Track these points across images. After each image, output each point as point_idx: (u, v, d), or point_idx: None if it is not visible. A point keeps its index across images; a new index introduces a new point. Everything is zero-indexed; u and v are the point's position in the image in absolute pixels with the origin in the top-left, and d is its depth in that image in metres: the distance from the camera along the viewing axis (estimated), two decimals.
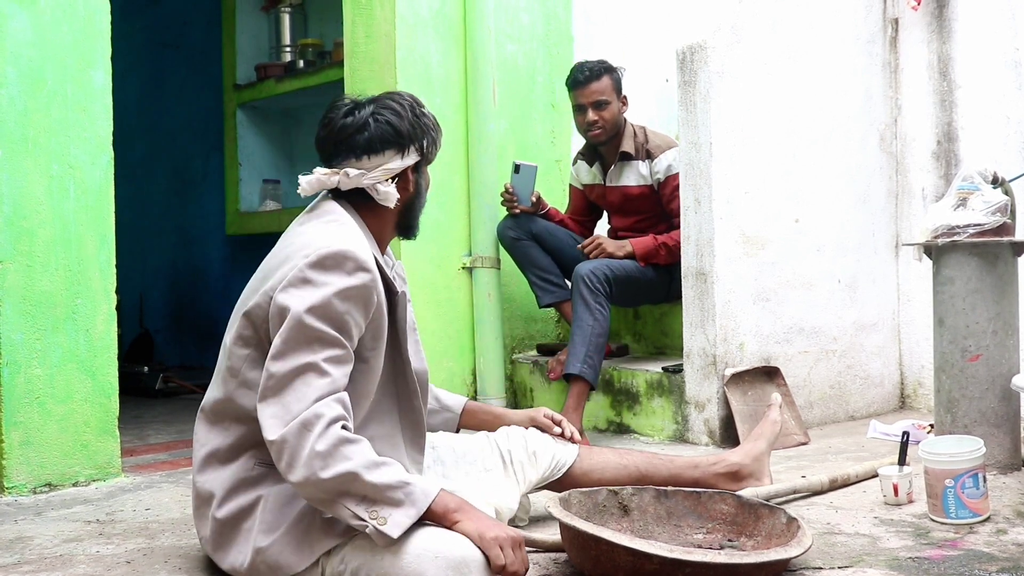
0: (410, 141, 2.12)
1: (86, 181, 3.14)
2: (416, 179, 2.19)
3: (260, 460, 2.03)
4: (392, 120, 2.11)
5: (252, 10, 6.16)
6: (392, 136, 2.10)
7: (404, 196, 2.16)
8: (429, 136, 2.16)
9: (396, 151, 2.11)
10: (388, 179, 2.12)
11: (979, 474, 2.38)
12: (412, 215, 2.22)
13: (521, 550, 1.85)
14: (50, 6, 3.07)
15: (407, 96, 2.17)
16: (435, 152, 2.20)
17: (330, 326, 1.91)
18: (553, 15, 4.61)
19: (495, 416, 2.52)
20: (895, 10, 4.01)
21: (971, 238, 2.80)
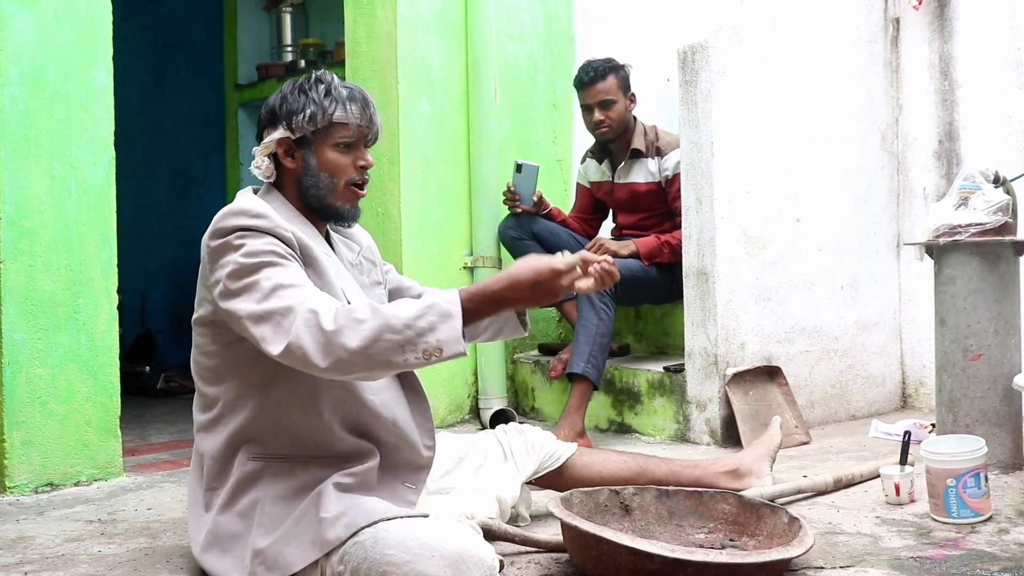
0: (280, 117, 2.12)
1: (88, 181, 3.14)
2: (303, 156, 2.12)
3: (254, 454, 2.04)
4: (269, 100, 2.15)
5: (253, 10, 6.17)
6: (266, 114, 2.15)
7: (292, 174, 2.14)
8: (305, 111, 2.08)
9: (272, 128, 2.13)
10: (265, 155, 2.14)
11: (981, 474, 2.38)
12: (308, 195, 2.13)
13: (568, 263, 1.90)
14: (52, 6, 3.07)
15: (318, 74, 2.16)
16: (311, 126, 2.08)
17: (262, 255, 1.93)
18: (554, 15, 4.61)
19: None
20: (896, 9, 4.01)
21: (972, 237, 2.80)
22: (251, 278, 1.91)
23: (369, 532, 1.84)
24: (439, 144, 4.08)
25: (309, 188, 2.13)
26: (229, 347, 2.04)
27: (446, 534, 1.81)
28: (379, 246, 3.94)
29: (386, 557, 1.79)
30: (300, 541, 1.91)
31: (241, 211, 1.99)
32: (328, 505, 1.93)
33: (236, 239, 1.96)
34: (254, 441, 2.04)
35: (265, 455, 2.03)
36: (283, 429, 2.03)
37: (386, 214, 3.99)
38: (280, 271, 1.92)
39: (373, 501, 1.96)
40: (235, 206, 2.01)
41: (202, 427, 2.12)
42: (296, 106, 2.10)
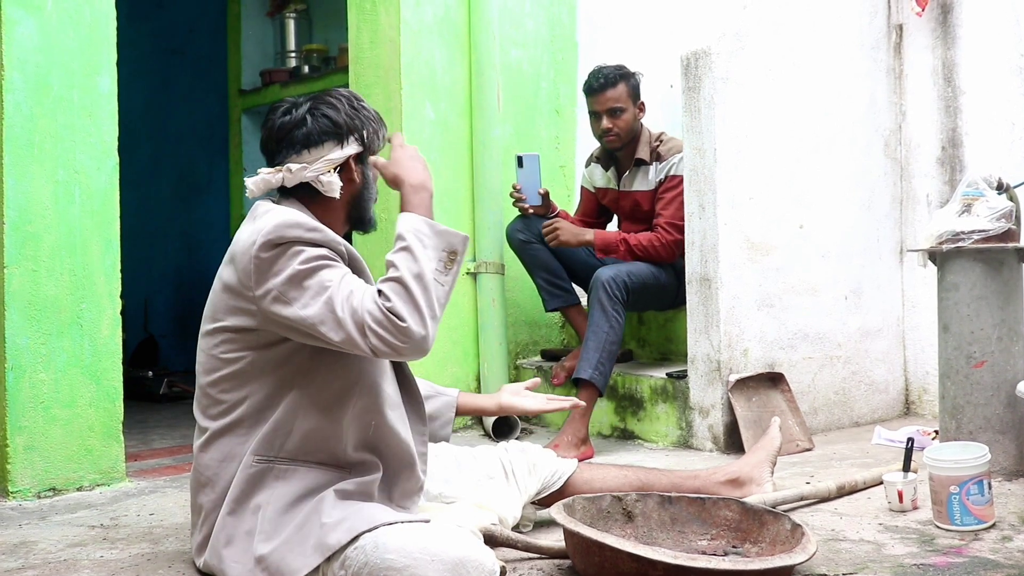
0: (349, 131, 2.14)
1: (91, 186, 3.15)
2: (362, 170, 2.19)
3: (260, 457, 2.03)
4: (329, 113, 2.15)
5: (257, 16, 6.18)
6: (330, 127, 2.13)
7: (350, 188, 2.17)
8: (370, 126, 2.17)
9: (335, 142, 2.13)
10: (330, 170, 2.13)
11: (984, 481, 2.38)
12: (362, 207, 2.21)
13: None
14: (56, 12, 3.08)
15: (344, 92, 2.20)
16: (378, 143, 2.20)
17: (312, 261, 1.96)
18: (558, 21, 4.62)
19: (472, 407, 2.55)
20: (899, 16, 4.01)
21: (976, 244, 2.80)
22: (311, 280, 1.94)
23: (370, 537, 1.84)
24: (442, 149, 4.08)
25: (368, 200, 2.21)
26: (261, 351, 2.04)
27: (446, 539, 1.82)
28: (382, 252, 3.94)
29: (386, 562, 1.79)
30: (302, 547, 1.92)
31: (297, 223, 1.98)
32: (329, 511, 1.94)
33: (292, 250, 1.96)
34: (265, 443, 2.03)
35: (271, 457, 2.03)
36: (297, 433, 2.03)
37: (389, 219, 3.99)
38: (337, 271, 1.97)
39: (373, 507, 1.97)
40: (287, 218, 1.99)
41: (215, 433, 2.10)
42: (357, 123, 2.15)
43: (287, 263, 1.95)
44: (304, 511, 1.97)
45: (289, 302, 1.94)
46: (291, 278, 1.94)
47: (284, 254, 1.96)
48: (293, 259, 1.95)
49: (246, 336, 2.04)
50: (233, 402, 2.07)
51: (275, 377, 2.04)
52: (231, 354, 2.06)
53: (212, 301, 2.10)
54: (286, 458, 2.04)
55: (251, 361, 2.04)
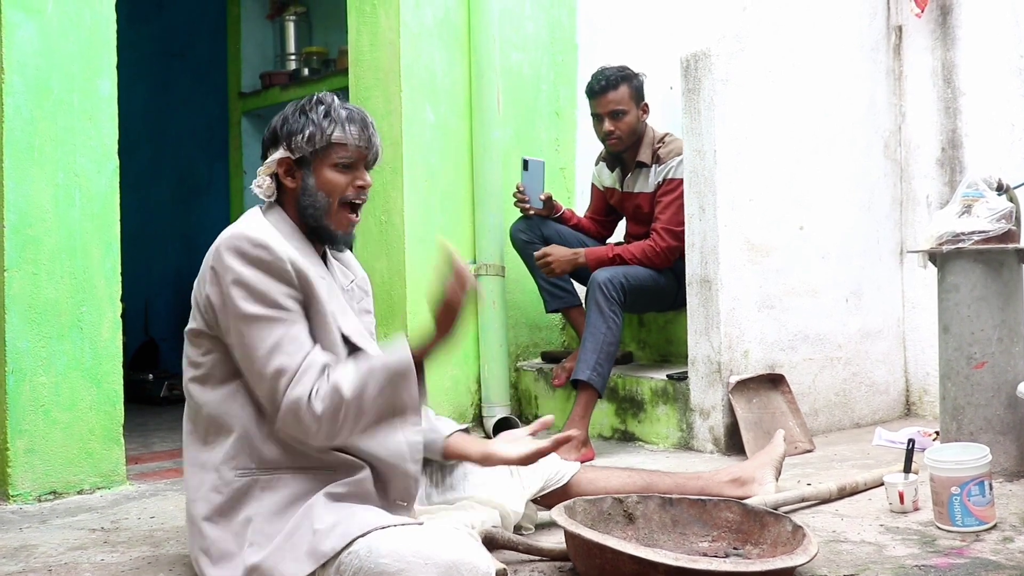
0: (281, 138, 2.13)
1: (92, 189, 3.15)
2: (302, 176, 2.13)
3: (241, 469, 2.03)
4: (275, 119, 2.17)
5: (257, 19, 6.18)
6: (268, 135, 2.16)
7: (292, 195, 2.15)
8: (304, 132, 2.10)
9: (274, 149, 2.15)
10: (267, 175, 2.15)
11: (985, 482, 2.37)
12: (306, 214, 2.14)
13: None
14: (57, 16, 3.08)
15: (319, 95, 2.17)
16: (309, 146, 2.10)
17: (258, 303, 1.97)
18: (557, 23, 4.62)
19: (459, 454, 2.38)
20: (899, 17, 4.01)
21: (976, 245, 2.80)
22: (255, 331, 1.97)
23: (363, 542, 1.84)
24: (442, 152, 4.09)
25: (307, 208, 2.13)
26: (217, 356, 2.06)
27: (440, 542, 1.81)
28: (383, 254, 4.00)
29: (380, 566, 1.79)
30: (295, 554, 1.90)
31: (244, 237, 2.01)
32: (321, 516, 1.93)
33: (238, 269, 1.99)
34: (243, 454, 2.03)
35: (252, 468, 2.02)
36: (272, 440, 2.02)
37: (389, 222, 4.00)
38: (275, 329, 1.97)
39: (366, 510, 1.96)
40: (239, 231, 2.03)
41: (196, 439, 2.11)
42: (296, 127, 2.12)
43: (233, 289, 1.98)
44: (295, 518, 1.96)
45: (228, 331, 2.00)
46: (235, 314, 1.98)
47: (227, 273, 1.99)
48: (238, 287, 1.98)
49: (207, 340, 2.07)
50: (204, 406, 2.08)
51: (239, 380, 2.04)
52: (198, 357, 2.09)
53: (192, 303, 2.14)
54: (269, 468, 2.02)
55: (217, 365, 2.06)
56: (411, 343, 2.02)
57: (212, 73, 6.35)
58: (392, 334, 3.97)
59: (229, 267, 1.99)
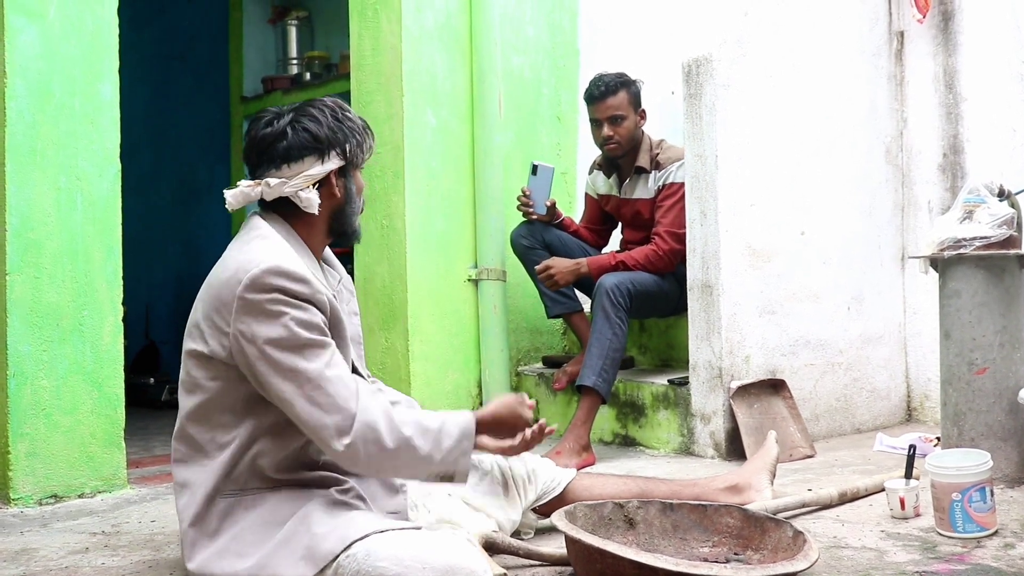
0: (330, 146, 2.09)
1: (93, 193, 3.15)
2: (345, 184, 2.15)
3: (226, 493, 2.02)
4: (310, 126, 2.10)
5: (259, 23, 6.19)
6: (310, 142, 2.09)
7: (332, 202, 2.14)
8: (353, 139, 2.13)
9: (316, 157, 2.09)
10: (309, 185, 2.09)
11: (986, 488, 2.37)
12: (344, 221, 2.17)
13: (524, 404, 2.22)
14: (59, 20, 3.09)
15: (329, 102, 2.16)
16: (362, 155, 2.16)
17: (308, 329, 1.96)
18: (559, 28, 4.62)
19: None
20: (901, 23, 4.02)
21: (977, 251, 2.80)
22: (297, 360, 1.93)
23: (361, 545, 1.84)
24: (444, 156, 4.09)
25: (351, 215, 2.17)
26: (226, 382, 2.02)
27: (438, 547, 1.81)
28: (384, 258, 4.01)
29: (378, 569, 1.79)
30: (292, 558, 1.90)
31: (284, 272, 1.96)
32: (319, 520, 1.93)
33: (275, 304, 1.94)
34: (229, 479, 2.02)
35: (236, 491, 2.02)
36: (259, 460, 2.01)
37: (391, 226, 4.00)
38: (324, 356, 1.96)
39: (364, 514, 1.96)
40: (275, 263, 1.96)
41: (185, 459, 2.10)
42: (341, 135, 2.11)
43: (271, 321, 1.93)
44: (290, 522, 1.95)
45: (268, 362, 1.93)
46: (277, 343, 1.93)
47: (268, 306, 1.94)
48: (277, 319, 1.93)
49: (208, 364, 2.02)
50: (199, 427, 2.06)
51: (237, 406, 2.02)
52: (206, 380, 2.04)
53: (195, 319, 2.08)
54: (253, 488, 2.02)
55: (220, 388, 2.03)
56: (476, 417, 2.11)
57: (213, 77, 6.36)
58: (392, 337, 3.98)
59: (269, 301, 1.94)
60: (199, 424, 2.06)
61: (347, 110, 2.16)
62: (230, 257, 2.05)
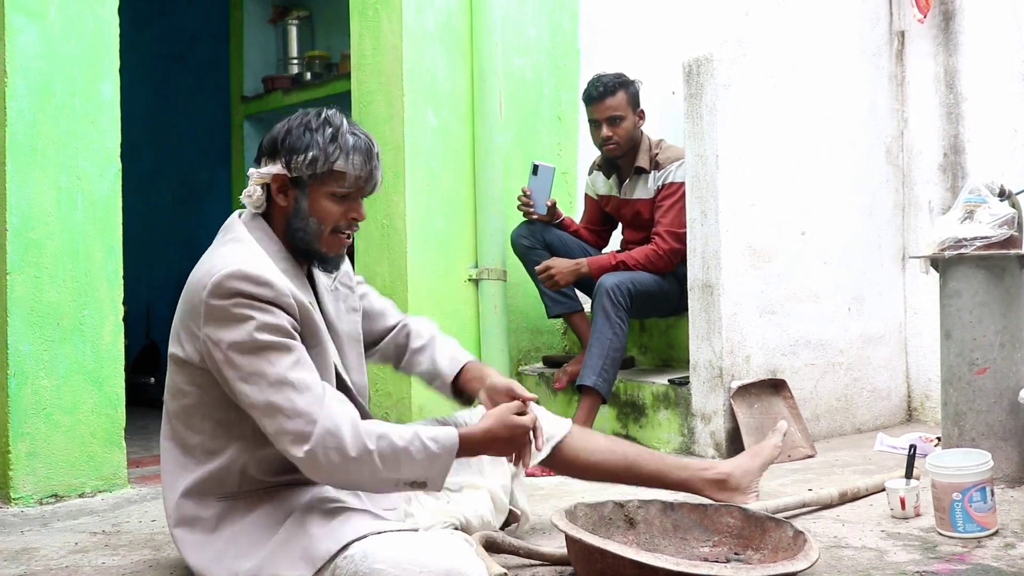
0: (281, 152, 2.05)
1: (94, 193, 3.15)
2: (296, 196, 2.05)
3: (219, 495, 2.02)
4: (275, 129, 2.09)
5: (260, 23, 6.18)
6: (267, 143, 2.08)
7: (281, 211, 2.09)
8: (305, 153, 2.01)
9: (270, 160, 2.07)
10: (259, 185, 2.07)
11: (987, 488, 2.37)
12: (296, 237, 2.07)
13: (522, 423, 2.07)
14: (59, 20, 3.09)
15: (326, 113, 2.08)
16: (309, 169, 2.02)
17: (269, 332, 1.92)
18: (559, 28, 4.62)
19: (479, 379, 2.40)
20: (901, 23, 4.02)
21: (978, 251, 2.80)
22: (259, 363, 1.90)
23: (359, 546, 1.83)
24: (444, 156, 4.09)
25: (297, 230, 2.07)
26: (203, 389, 2.01)
27: (436, 549, 1.81)
28: (384, 258, 4.00)
29: (375, 572, 1.79)
30: (290, 559, 1.90)
31: (245, 276, 1.93)
32: (315, 521, 1.93)
33: (238, 308, 1.92)
34: (222, 483, 2.02)
35: (230, 494, 2.02)
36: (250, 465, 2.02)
37: (391, 226, 4.00)
38: (287, 359, 1.92)
39: (360, 515, 1.95)
40: (238, 267, 1.94)
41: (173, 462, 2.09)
42: (299, 145, 2.03)
43: (234, 325, 1.91)
44: (288, 523, 1.96)
45: (232, 367, 1.91)
46: (239, 346, 1.91)
47: (232, 309, 1.92)
48: (241, 323, 1.91)
49: (187, 369, 2.02)
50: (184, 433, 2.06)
51: (218, 413, 2.01)
52: (181, 385, 2.04)
53: (175, 324, 2.07)
54: (247, 492, 2.02)
55: (199, 394, 2.02)
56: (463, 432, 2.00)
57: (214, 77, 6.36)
58: None
59: (232, 305, 1.92)
60: (186, 428, 2.06)
61: (331, 124, 2.05)
62: (204, 260, 2.05)
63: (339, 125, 2.05)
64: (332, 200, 2.06)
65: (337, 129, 2.04)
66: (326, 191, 2.05)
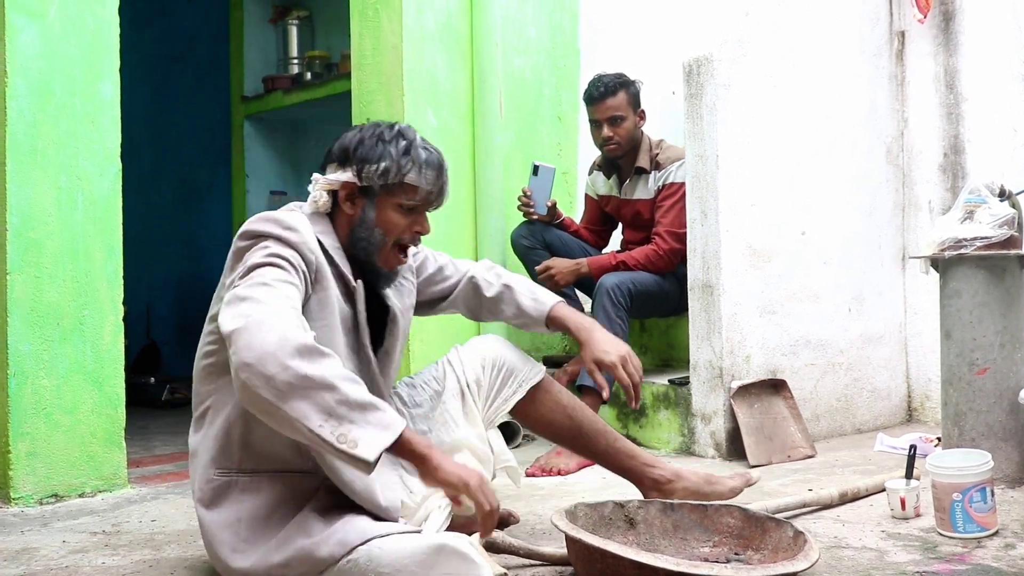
0: (352, 161, 2.09)
1: (94, 193, 3.15)
2: (363, 206, 2.10)
3: (219, 469, 2.03)
4: (345, 138, 2.12)
5: (260, 22, 6.19)
6: (338, 151, 2.12)
7: (348, 219, 2.12)
8: (377, 164, 2.06)
9: (340, 167, 2.11)
10: (324, 190, 2.11)
11: (987, 488, 2.37)
12: (357, 245, 2.11)
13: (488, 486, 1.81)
14: (59, 20, 3.09)
15: (398, 127, 2.13)
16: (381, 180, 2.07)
17: (271, 256, 1.92)
18: (559, 28, 4.62)
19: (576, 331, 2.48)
20: (901, 23, 4.02)
21: (978, 251, 2.80)
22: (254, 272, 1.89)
23: (363, 550, 1.83)
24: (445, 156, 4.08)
25: (360, 239, 2.11)
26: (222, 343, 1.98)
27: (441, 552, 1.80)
28: None
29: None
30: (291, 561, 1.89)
31: (275, 220, 1.99)
32: (318, 524, 1.92)
33: (259, 246, 1.95)
34: (224, 452, 2.03)
35: (230, 469, 2.02)
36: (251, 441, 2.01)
37: None
38: (279, 272, 1.90)
39: (364, 519, 1.95)
40: (271, 214, 2.02)
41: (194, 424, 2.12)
42: (372, 155, 2.07)
43: (251, 256, 1.94)
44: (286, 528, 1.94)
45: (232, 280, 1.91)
46: (248, 267, 1.91)
47: (254, 247, 1.96)
48: (258, 252, 1.94)
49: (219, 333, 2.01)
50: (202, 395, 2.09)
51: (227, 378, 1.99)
52: (209, 344, 2.06)
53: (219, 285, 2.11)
54: (248, 470, 2.02)
55: (220, 349, 2.01)
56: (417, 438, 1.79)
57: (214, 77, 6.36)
58: None
59: (255, 243, 1.95)
60: (202, 388, 2.08)
61: (405, 137, 2.10)
62: None
63: (412, 139, 2.11)
64: (399, 212, 2.11)
65: (411, 143, 2.10)
66: (394, 202, 2.10)
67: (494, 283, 2.51)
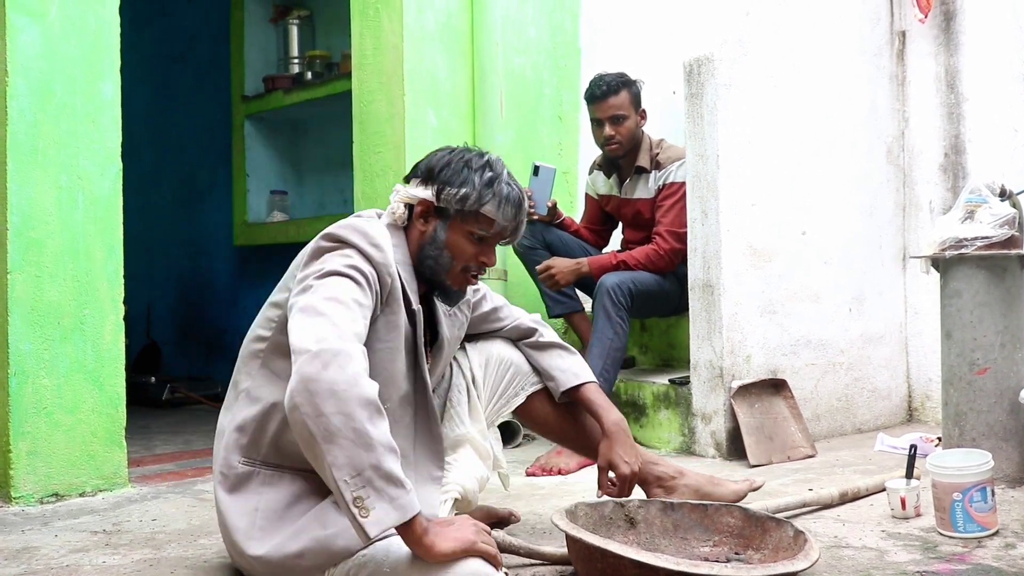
0: (433, 178, 2.10)
1: (95, 192, 3.15)
2: (435, 226, 2.12)
3: (244, 458, 2.04)
4: (433, 156, 2.15)
5: (260, 22, 6.18)
6: (423, 168, 2.14)
7: (419, 236, 2.13)
8: (458, 189, 2.07)
9: (422, 183, 2.12)
10: (403, 203, 2.13)
11: (987, 488, 2.37)
12: (424, 263, 2.12)
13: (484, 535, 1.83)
14: (60, 20, 3.09)
15: (484, 153, 2.15)
16: (458, 205, 2.07)
17: (351, 268, 1.92)
18: (560, 28, 4.62)
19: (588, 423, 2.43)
20: (902, 23, 4.02)
21: (979, 251, 2.80)
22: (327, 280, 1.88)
23: (380, 544, 1.83)
24: None
25: (427, 258, 2.11)
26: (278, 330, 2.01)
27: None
28: None
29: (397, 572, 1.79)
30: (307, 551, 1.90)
31: (362, 232, 1.99)
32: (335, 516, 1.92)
33: (342, 252, 1.95)
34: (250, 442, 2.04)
35: (255, 460, 2.04)
36: (281, 442, 2.02)
37: None
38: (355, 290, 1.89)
39: None
40: (360, 224, 2.01)
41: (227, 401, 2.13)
42: (455, 179, 2.09)
43: (330, 261, 1.94)
44: (304, 518, 1.96)
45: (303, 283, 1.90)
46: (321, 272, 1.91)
47: (336, 251, 1.96)
48: (340, 258, 1.94)
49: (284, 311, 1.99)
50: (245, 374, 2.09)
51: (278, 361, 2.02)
52: (264, 329, 2.06)
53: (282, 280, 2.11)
54: (272, 464, 2.03)
55: (275, 335, 2.02)
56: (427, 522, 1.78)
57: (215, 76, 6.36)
58: None
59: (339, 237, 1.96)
60: (245, 369, 2.08)
61: (492, 169, 2.11)
62: None
63: (500, 173, 2.12)
64: (469, 240, 2.12)
65: (497, 176, 2.11)
66: (467, 229, 2.11)
67: (545, 335, 2.49)
